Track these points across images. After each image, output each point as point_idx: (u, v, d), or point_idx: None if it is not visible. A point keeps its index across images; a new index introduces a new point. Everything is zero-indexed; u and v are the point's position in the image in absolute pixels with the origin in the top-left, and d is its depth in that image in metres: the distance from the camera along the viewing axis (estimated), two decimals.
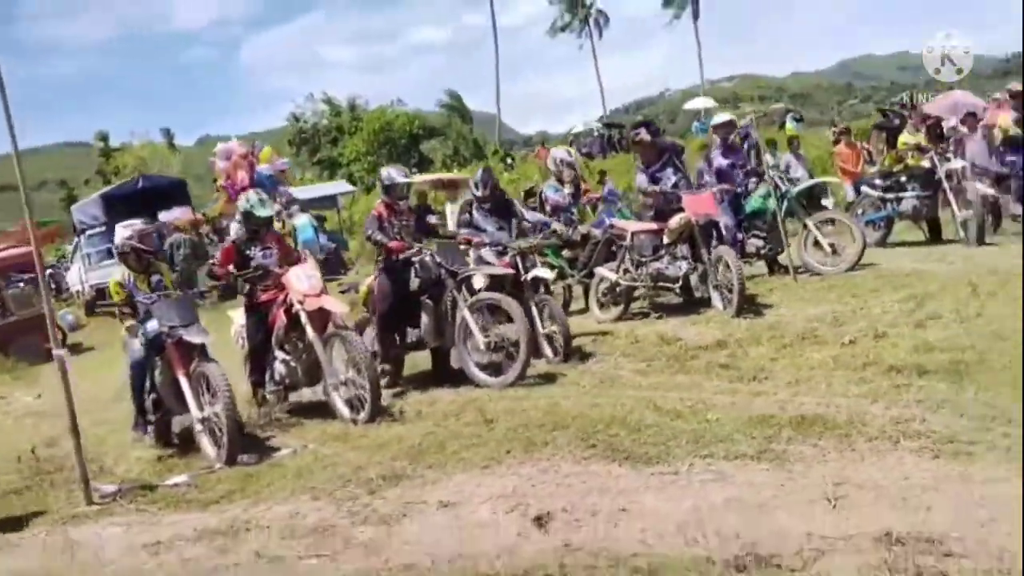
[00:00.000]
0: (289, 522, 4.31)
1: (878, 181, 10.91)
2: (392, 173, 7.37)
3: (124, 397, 8.46)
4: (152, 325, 6.10)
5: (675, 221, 7.94)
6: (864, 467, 3.88)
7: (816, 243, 8.90)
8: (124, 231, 6.56)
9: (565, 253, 9.20)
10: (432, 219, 7.76)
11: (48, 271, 20.15)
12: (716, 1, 74.22)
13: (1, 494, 6.05)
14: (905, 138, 10.83)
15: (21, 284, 15.22)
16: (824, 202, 12.51)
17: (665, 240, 8.10)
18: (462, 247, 7.42)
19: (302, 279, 6.37)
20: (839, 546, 3.20)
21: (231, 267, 6.56)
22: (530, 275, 7.59)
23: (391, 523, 4.08)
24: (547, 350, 7.07)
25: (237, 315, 7.23)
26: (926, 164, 10.24)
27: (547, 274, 7.41)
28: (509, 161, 31.36)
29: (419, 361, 7.69)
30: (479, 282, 7.18)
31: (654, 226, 8.22)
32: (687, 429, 4.66)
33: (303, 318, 6.32)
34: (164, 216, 15.60)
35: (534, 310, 7.13)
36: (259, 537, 4.18)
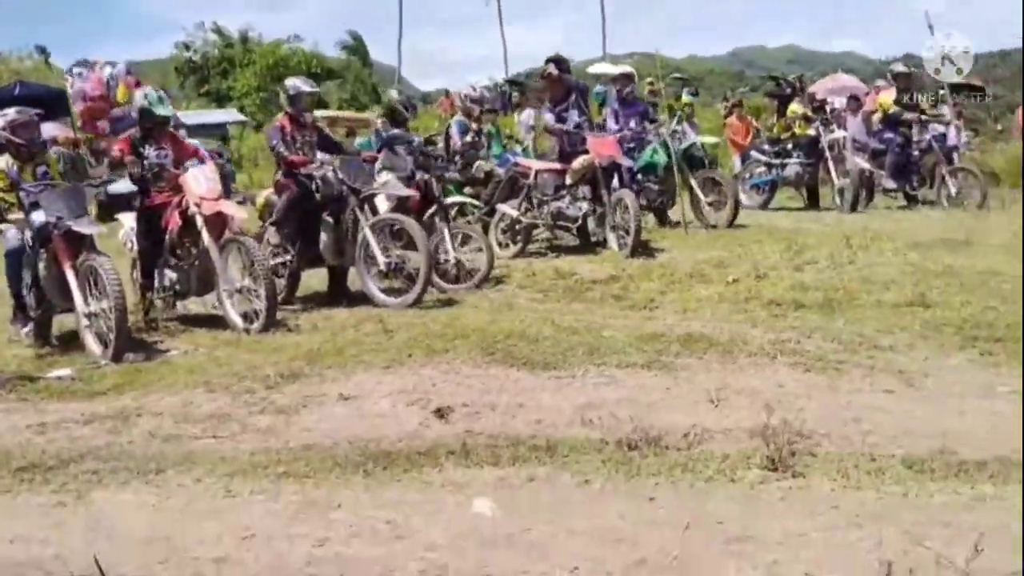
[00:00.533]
0: (183, 410, 4.27)
1: (766, 147, 11.48)
2: (298, 83, 7.21)
3: None
4: (38, 216, 5.79)
5: (579, 162, 8.14)
6: (744, 376, 4.19)
7: (696, 200, 9.33)
8: (7, 115, 6.20)
9: (467, 190, 9.29)
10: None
11: None
12: None
13: None
14: (794, 107, 11.40)
15: None
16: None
17: (568, 181, 8.29)
18: (366, 165, 7.36)
19: (200, 181, 6.18)
20: (719, 437, 3.47)
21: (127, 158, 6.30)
22: (449, 200, 7.62)
23: (289, 413, 4.11)
24: (440, 280, 7.11)
25: (126, 218, 6.97)
26: (811, 133, 10.83)
27: (467, 199, 7.43)
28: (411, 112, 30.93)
29: (313, 283, 7.65)
30: (383, 204, 7.17)
31: (558, 166, 8.40)
32: (582, 342, 4.87)
33: (199, 222, 6.14)
34: (43, 128, 14.68)
35: (447, 236, 7.16)
36: (151, 421, 4.13)
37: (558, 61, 8.83)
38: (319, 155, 6.92)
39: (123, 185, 7.18)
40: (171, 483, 3.26)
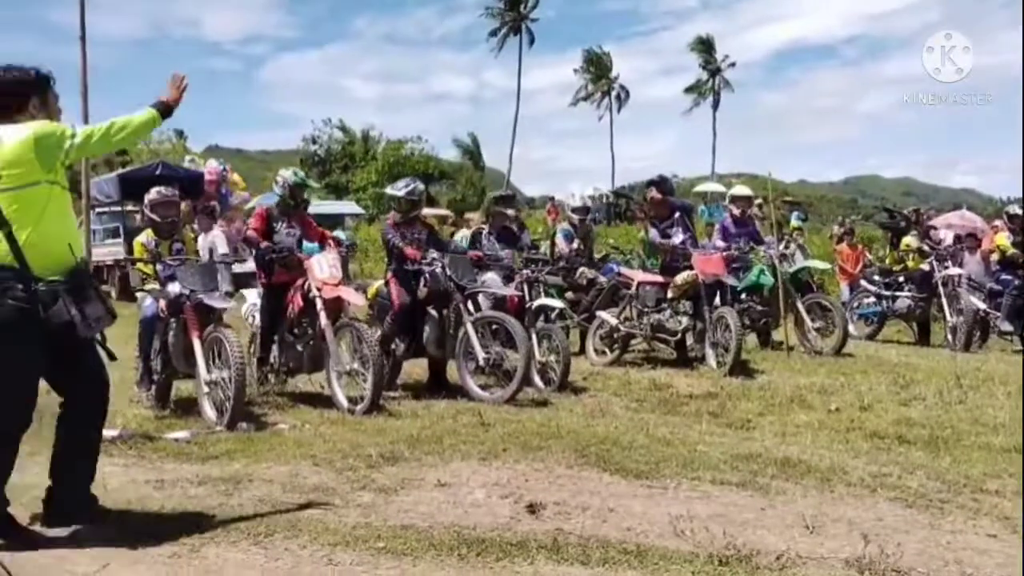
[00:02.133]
0: (290, 480, 4.49)
1: (876, 277, 11.36)
2: (419, 186, 7.64)
3: (118, 364, 8.66)
4: (173, 287, 6.29)
5: (682, 277, 8.26)
6: (842, 506, 4.12)
7: (801, 324, 9.25)
8: (150, 194, 6.78)
9: (568, 295, 9.51)
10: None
11: None
12: (734, 98, 76.06)
13: None
14: (908, 240, 11.29)
15: None
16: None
17: (669, 294, 8.41)
18: (472, 263, 7.68)
19: (323, 267, 6.61)
20: (812, 563, 3.43)
21: (262, 241, 6.79)
22: (536, 303, 7.88)
23: (389, 493, 4.27)
24: (538, 380, 7.27)
25: (251, 294, 7.45)
26: (925, 267, 10.67)
27: (555, 303, 7.67)
28: (517, 218, 31.88)
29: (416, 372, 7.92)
30: (485, 302, 7.44)
31: (660, 279, 8.55)
32: (676, 455, 4.90)
33: (318, 305, 6.54)
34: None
35: (534, 338, 7.38)
36: (261, 488, 4.36)
37: (660, 183, 9.07)
38: (431, 252, 7.27)
39: (247, 266, 7.71)
40: (278, 546, 3.45)
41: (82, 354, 3.70)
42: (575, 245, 10.12)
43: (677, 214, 8.85)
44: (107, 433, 5.60)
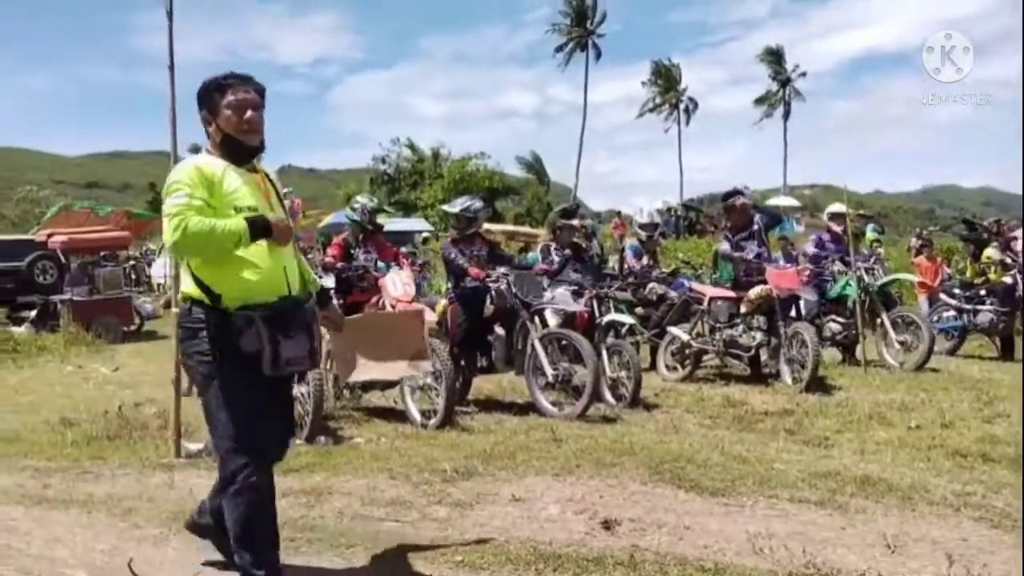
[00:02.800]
0: (368, 493, 4.61)
1: (957, 291, 11.01)
2: (475, 203, 7.72)
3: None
4: None
5: (755, 292, 8.16)
6: (924, 525, 4.03)
7: (887, 338, 9.04)
8: None
9: (638, 311, 9.49)
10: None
11: (131, 262, 21.18)
12: (805, 108, 74.69)
13: (92, 438, 6.50)
14: (990, 253, 10.92)
15: (108, 266, 16.01)
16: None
17: (742, 309, 8.31)
18: (538, 279, 7.73)
19: (397, 284, 6.78)
20: None
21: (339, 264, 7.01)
22: (606, 318, 7.89)
23: (464, 507, 4.34)
24: (608, 396, 7.26)
25: None
26: (1008, 280, 10.32)
27: (625, 318, 7.66)
28: (587, 230, 31.89)
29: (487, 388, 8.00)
30: (552, 318, 7.48)
31: (732, 294, 8.46)
32: (752, 472, 4.85)
33: None
34: None
35: (604, 353, 7.38)
36: (341, 500, 4.48)
37: (742, 193, 8.95)
38: (497, 269, 7.31)
39: (325, 282, 7.93)
40: (360, 558, 3.55)
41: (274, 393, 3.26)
42: (644, 260, 10.13)
43: (756, 226, 8.68)
44: (192, 446, 5.87)
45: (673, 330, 8.79)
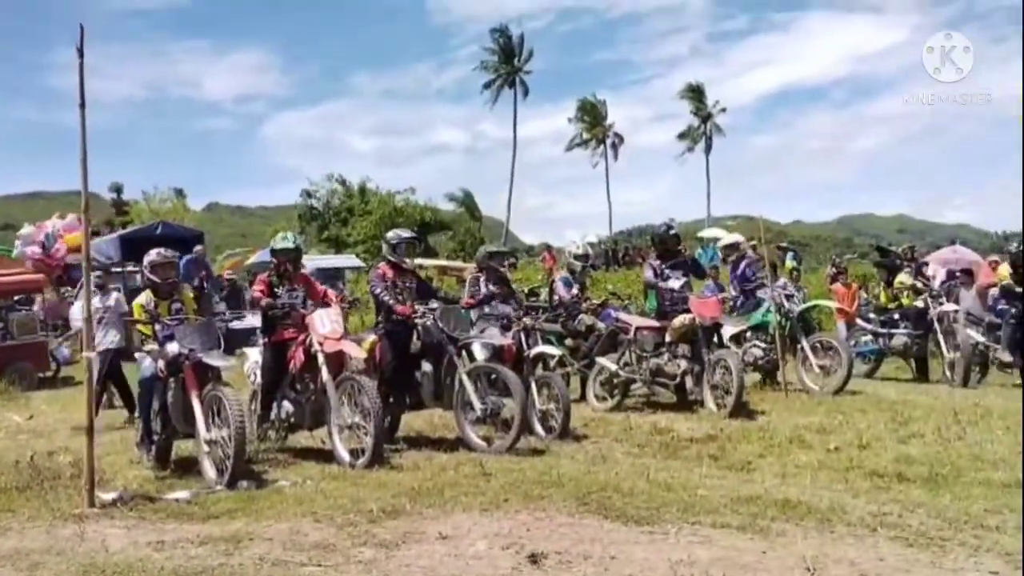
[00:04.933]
0: (291, 537, 4.49)
1: (872, 316, 11.41)
2: (400, 233, 7.73)
3: (112, 427, 8.75)
4: (172, 347, 6.31)
5: (679, 321, 8.32)
6: (842, 546, 4.12)
7: (807, 363, 9.31)
8: (150, 256, 6.84)
9: (568, 342, 9.55)
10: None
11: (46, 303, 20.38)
12: (726, 142, 76.90)
13: (1, 491, 6.19)
14: (902, 278, 11.36)
15: (23, 310, 15.40)
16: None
17: (667, 338, 8.45)
18: (463, 311, 7.71)
19: (325, 322, 6.67)
20: None
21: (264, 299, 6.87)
22: (534, 351, 7.91)
23: (390, 548, 4.27)
24: (538, 428, 7.27)
25: (252, 351, 7.49)
26: (920, 304, 10.73)
27: (553, 350, 7.70)
28: (513, 262, 32.04)
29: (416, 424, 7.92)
30: (480, 352, 7.47)
31: (657, 324, 8.60)
32: (677, 499, 4.90)
33: (320, 359, 6.59)
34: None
35: (533, 386, 7.40)
36: (261, 546, 4.35)
37: (670, 228, 9.17)
38: (421, 305, 7.28)
39: (246, 323, 7.77)
40: None
41: None
42: (575, 291, 10.20)
43: (680, 258, 8.87)
44: (107, 496, 5.65)
45: (601, 360, 8.87)
